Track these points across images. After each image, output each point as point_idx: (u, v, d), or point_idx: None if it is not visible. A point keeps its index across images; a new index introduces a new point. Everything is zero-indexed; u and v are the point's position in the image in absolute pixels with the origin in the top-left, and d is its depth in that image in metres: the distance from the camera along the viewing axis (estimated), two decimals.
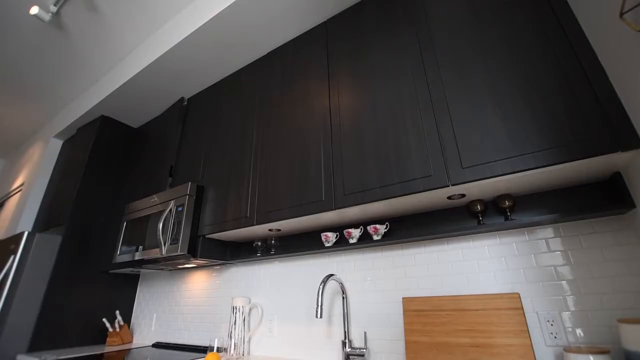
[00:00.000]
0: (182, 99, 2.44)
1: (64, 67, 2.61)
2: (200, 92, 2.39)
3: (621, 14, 0.71)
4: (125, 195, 2.52)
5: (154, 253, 1.85)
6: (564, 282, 1.09)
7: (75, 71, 2.65)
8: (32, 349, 1.93)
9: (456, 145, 1.13)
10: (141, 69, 2.18)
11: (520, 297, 1.12)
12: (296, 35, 1.92)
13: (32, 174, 3.00)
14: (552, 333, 1.07)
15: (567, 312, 1.06)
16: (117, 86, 2.34)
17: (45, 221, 2.58)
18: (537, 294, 1.12)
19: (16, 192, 3.22)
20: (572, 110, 0.95)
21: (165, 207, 1.90)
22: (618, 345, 0.96)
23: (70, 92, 2.89)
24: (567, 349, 0.94)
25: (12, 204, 3.17)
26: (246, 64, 2.14)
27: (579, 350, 0.92)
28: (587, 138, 0.91)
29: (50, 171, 2.97)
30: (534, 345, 1.07)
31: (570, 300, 1.07)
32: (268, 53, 2.02)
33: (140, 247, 2.01)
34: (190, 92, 2.41)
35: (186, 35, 1.92)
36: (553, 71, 1.01)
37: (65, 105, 3.06)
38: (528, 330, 1.07)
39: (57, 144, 3.08)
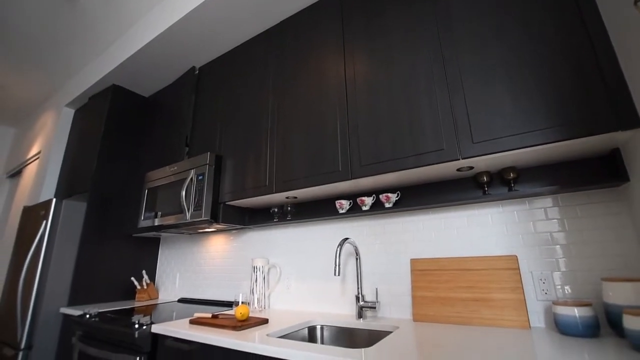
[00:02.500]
0: (193, 68, 2.45)
1: (72, 34, 2.58)
2: (212, 61, 2.39)
3: (636, 2, 0.75)
4: (142, 163, 2.62)
5: (177, 218, 1.99)
6: (557, 246, 1.22)
7: (84, 38, 2.62)
8: (71, 303, 2.14)
9: (468, 121, 1.20)
10: (153, 37, 2.16)
11: (517, 259, 1.26)
12: (310, 4, 1.90)
13: (48, 142, 3.08)
14: (543, 290, 1.21)
15: (558, 272, 1.20)
16: (130, 54, 2.34)
17: (67, 188, 2.70)
18: (532, 257, 1.26)
19: (33, 160, 3.32)
20: (581, 91, 1.01)
21: (186, 175, 2.00)
22: (600, 299, 1.11)
23: (80, 60, 2.87)
24: (555, 302, 1.09)
25: (30, 171, 3.28)
26: (259, 32, 2.13)
27: (565, 303, 1.07)
28: (592, 117, 0.98)
29: (66, 139, 3.04)
30: (526, 300, 1.23)
31: (561, 262, 1.20)
32: (281, 22, 2.00)
33: (159, 213, 2.15)
34: (201, 61, 2.41)
35: (199, 2, 1.90)
36: (566, 54, 1.05)
37: (75, 73, 3.06)
38: (522, 287, 1.22)
39: (69, 113, 3.12)
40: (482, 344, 0.99)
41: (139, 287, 2.45)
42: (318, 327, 1.52)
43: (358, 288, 1.54)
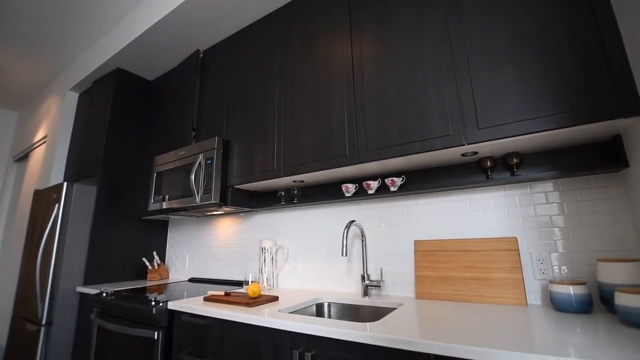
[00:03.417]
0: (197, 51, 2.44)
1: (74, 15, 2.55)
2: (216, 44, 2.38)
3: None
4: (150, 147, 2.65)
5: (186, 201, 2.04)
6: (556, 229, 1.27)
7: (86, 20, 2.59)
8: (86, 282, 2.23)
9: (474, 107, 1.23)
10: (157, 19, 2.14)
11: (517, 241, 1.31)
12: None
13: (54, 127, 3.10)
14: (541, 270, 1.28)
15: (555, 254, 1.26)
16: (134, 37, 2.32)
17: (75, 172, 2.75)
18: (532, 239, 1.31)
19: (39, 145, 3.35)
20: (585, 79, 1.03)
21: (195, 160, 2.04)
22: (594, 279, 1.17)
23: (83, 43, 2.85)
24: (552, 281, 1.15)
25: (37, 155, 3.32)
26: (265, 15, 2.10)
27: (561, 282, 1.13)
28: (595, 105, 1.01)
29: (71, 124, 3.06)
30: (524, 279, 1.29)
31: (559, 244, 1.26)
32: (288, 3, 1.98)
33: (167, 196, 2.20)
34: (205, 44, 2.39)
35: None
36: (573, 43, 1.06)
37: (77, 56, 3.04)
38: (521, 267, 1.28)
39: (74, 97, 3.12)
40: (480, 318, 1.05)
41: (150, 267, 2.54)
42: (325, 304, 1.60)
43: (363, 268, 1.61)
